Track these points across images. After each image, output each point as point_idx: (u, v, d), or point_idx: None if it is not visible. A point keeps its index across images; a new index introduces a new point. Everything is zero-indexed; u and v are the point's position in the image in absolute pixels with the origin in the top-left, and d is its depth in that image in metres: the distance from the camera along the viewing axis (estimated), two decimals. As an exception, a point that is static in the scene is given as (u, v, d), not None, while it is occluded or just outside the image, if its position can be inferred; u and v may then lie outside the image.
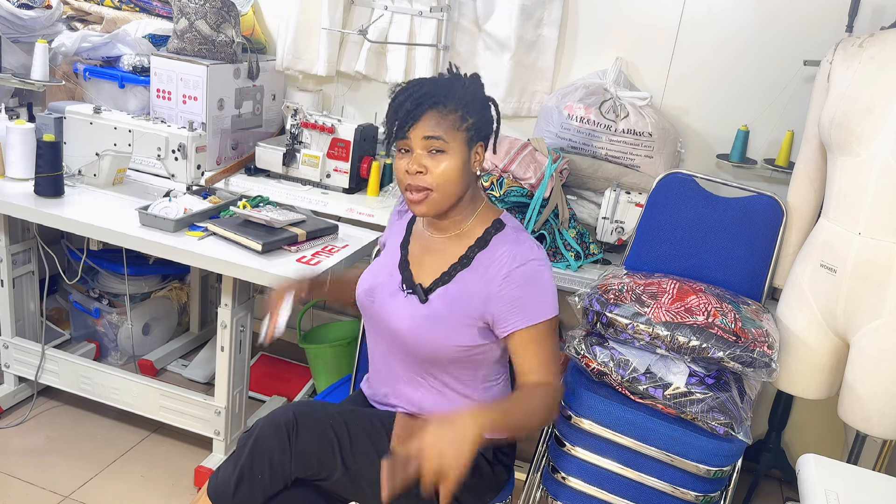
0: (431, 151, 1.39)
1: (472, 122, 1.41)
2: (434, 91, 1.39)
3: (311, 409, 1.47)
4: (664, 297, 1.81)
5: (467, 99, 1.41)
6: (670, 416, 1.76)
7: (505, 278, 1.41)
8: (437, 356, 1.46)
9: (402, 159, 1.42)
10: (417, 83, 1.42)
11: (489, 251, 1.45)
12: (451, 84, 1.42)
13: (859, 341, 1.80)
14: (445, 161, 1.39)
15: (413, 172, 1.39)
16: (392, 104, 1.42)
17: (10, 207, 2.13)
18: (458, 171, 1.40)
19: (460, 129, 1.39)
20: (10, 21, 2.47)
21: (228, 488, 1.39)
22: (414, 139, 1.39)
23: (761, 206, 2.09)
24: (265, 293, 1.61)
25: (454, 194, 1.43)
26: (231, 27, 2.55)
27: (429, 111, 1.38)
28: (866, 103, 1.72)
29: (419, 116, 1.38)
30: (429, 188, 1.40)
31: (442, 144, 1.38)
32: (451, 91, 1.40)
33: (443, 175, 1.39)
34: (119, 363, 2.75)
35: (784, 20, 2.33)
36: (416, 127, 1.38)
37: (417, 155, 1.39)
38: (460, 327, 1.44)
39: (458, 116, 1.39)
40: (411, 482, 1.18)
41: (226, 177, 2.56)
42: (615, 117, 2.37)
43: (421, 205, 1.42)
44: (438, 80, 1.43)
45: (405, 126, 1.38)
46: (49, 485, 2.16)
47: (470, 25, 2.64)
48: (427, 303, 1.46)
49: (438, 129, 1.37)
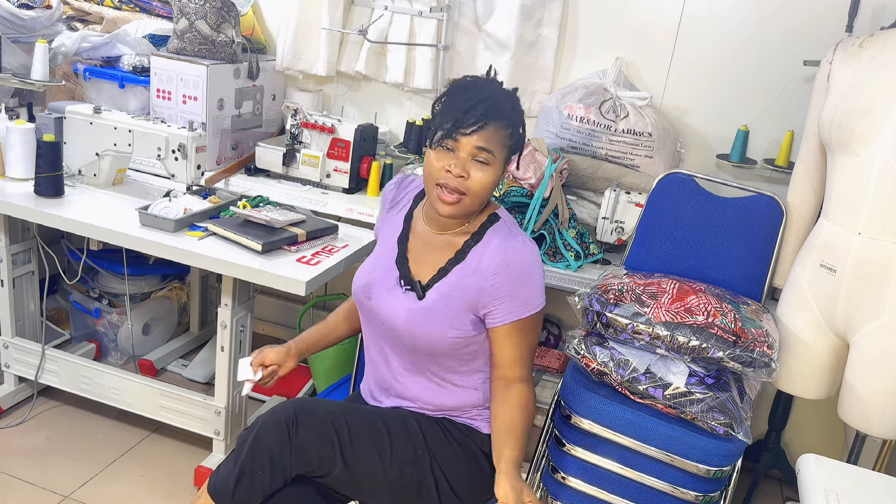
0: (478, 160, 1.41)
1: (515, 140, 1.45)
2: (499, 105, 1.41)
3: (311, 406, 1.47)
4: (664, 297, 1.80)
5: (515, 117, 1.44)
6: (670, 416, 1.76)
7: (495, 272, 1.43)
8: (434, 349, 1.47)
9: (443, 157, 1.41)
10: (481, 88, 1.43)
11: (482, 244, 1.48)
12: (508, 100, 1.44)
13: (859, 341, 1.80)
14: (488, 173, 1.41)
15: (456, 175, 1.40)
16: (451, 100, 1.42)
17: (10, 207, 2.13)
18: (494, 183, 1.44)
19: (506, 146, 1.43)
20: (10, 21, 2.47)
21: (228, 485, 1.39)
22: (465, 144, 1.40)
23: (761, 206, 2.09)
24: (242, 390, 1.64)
25: (483, 201, 1.46)
26: (231, 27, 2.55)
27: (490, 123, 1.39)
28: (866, 103, 1.72)
29: (482, 129, 1.39)
30: (464, 194, 1.41)
31: (489, 157, 1.41)
32: (509, 107, 1.43)
33: (481, 185, 1.42)
34: (119, 363, 2.75)
35: (784, 20, 2.33)
36: (473, 134, 1.39)
37: (463, 159, 1.40)
38: (455, 319, 1.46)
39: (508, 134, 1.42)
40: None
41: (226, 177, 2.56)
42: (615, 117, 2.37)
43: (452, 206, 1.43)
44: (499, 92, 1.44)
45: (465, 130, 1.39)
46: (49, 485, 2.16)
47: (470, 25, 2.64)
48: (424, 298, 1.48)
49: (491, 144, 1.40)
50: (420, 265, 1.52)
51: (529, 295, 1.44)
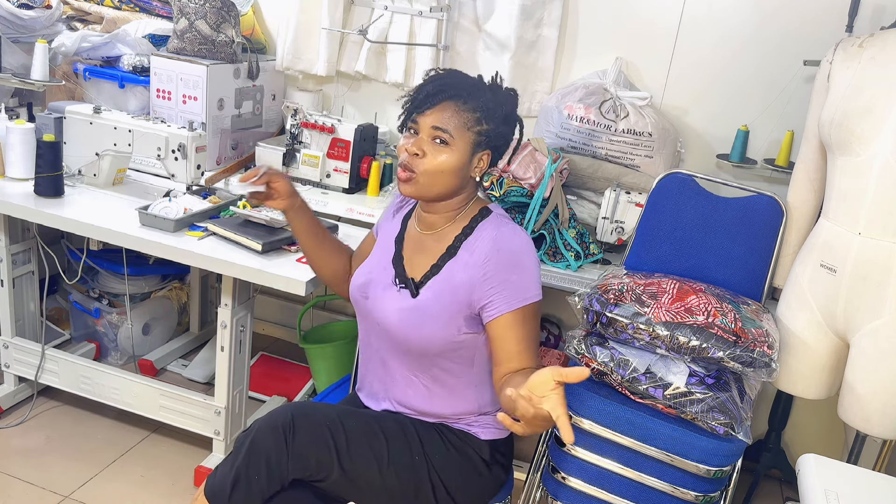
0: (435, 140, 1.41)
1: (487, 128, 1.42)
2: (459, 84, 1.42)
3: (309, 410, 1.47)
4: (664, 297, 1.80)
5: (491, 105, 1.42)
6: (670, 416, 1.76)
7: (486, 262, 1.41)
8: (427, 349, 1.46)
9: (408, 139, 1.44)
10: (449, 73, 1.45)
11: (473, 237, 1.47)
12: (480, 86, 1.44)
13: (859, 341, 1.80)
14: (445, 154, 1.41)
15: (411, 153, 1.42)
16: (418, 86, 1.45)
17: (10, 207, 2.13)
18: (453, 167, 1.42)
19: (471, 130, 1.41)
20: (10, 21, 2.47)
21: (225, 489, 1.39)
22: (423, 124, 1.41)
23: (761, 206, 2.09)
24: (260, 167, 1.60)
25: (441, 186, 1.44)
26: (231, 27, 2.55)
27: (447, 101, 1.40)
28: (866, 103, 1.72)
29: (435, 104, 1.40)
30: (414, 171, 1.42)
31: (447, 138, 1.40)
32: (476, 91, 1.42)
33: (435, 166, 1.41)
34: (119, 363, 2.75)
35: (784, 20, 2.33)
36: (429, 114, 1.40)
37: (421, 139, 1.42)
38: (447, 317, 1.44)
39: (474, 118, 1.41)
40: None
41: (226, 177, 2.56)
42: (615, 117, 2.37)
43: (406, 184, 1.44)
44: (469, 78, 1.45)
45: (420, 108, 1.41)
46: (49, 485, 2.16)
47: (470, 25, 2.64)
48: (417, 296, 1.47)
49: (449, 124, 1.40)
50: (414, 264, 1.52)
51: (522, 283, 1.40)
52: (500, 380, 1.40)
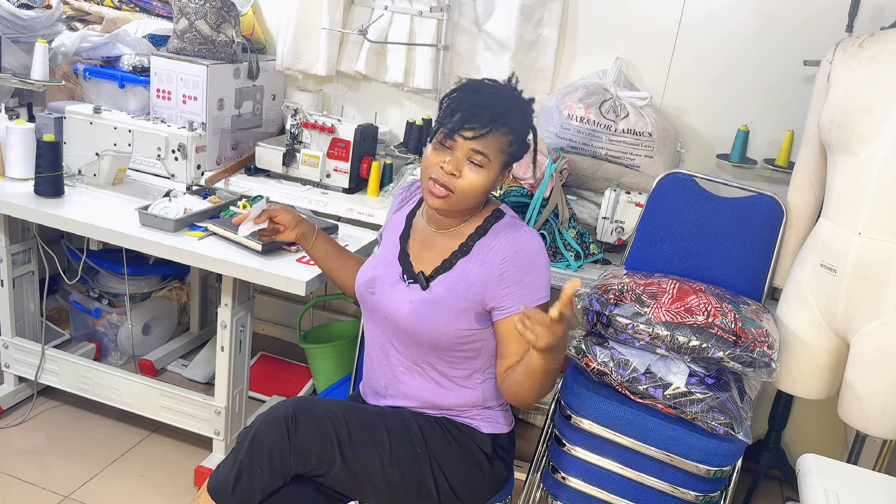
0: (472, 161, 1.41)
1: (516, 147, 1.45)
2: (506, 113, 1.41)
3: (311, 405, 1.48)
4: (664, 297, 1.80)
5: (520, 125, 1.45)
6: (670, 416, 1.76)
7: (503, 262, 1.44)
8: (438, 342, 1.48)
9: (441, 153, 1.43)
10: (493, 94, 1.43)
11: (488, 238, 1.49)
12: (519, 109, 1.45)
13: (859, 341, 1.80)
14: (480, 175, 1.42)
15: (448, 172, 1.41)
16: (461, 99, 1.42)
17: (10, 207, 2.13)
18: (486, 187, 1.44)
19: (504, 153, 1.43)
20: (10, 21, 2.47)
21: (228, 485, 1.39)
22: (463, 145, 1.41)
23: (761, 206, 2.09)
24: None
25: (472, 203, 1.47)
26: (231, 27, 2.55)
27: (495, 130, 1.40)
28: (866, 103, 1.72)
29: (484, 136, 1.39)
30: (453, 191, 1.43)
31: (484, 161, 1.41)
32: (517, 116, 1.43)
33: (472, 186, 1.43)
34: (119, 363, 2.75)
35: (784, 20, 2.33)
36: (473, 136, 1.39)
37: (458, 158, 1.41)
38: (459, 312, 1.46)
39: (508, 140, 1.43)
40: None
41: (226, 177, 2.56)
42: (615, 117, 2.37)
43: (441, 200, 1.44)
44: (511, 100, 1.44)
45: (467, 134, 1.39)
46: (49, 485, 2.16)
47: (470, 25, 2.64)
48: (428, 289, 1.49)
49: (488, 149, 1.41)
50: (421, 259, 1.54)
51: (535, 283, 1.45)
52: (504, 372, 1.47)
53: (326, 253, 1.72)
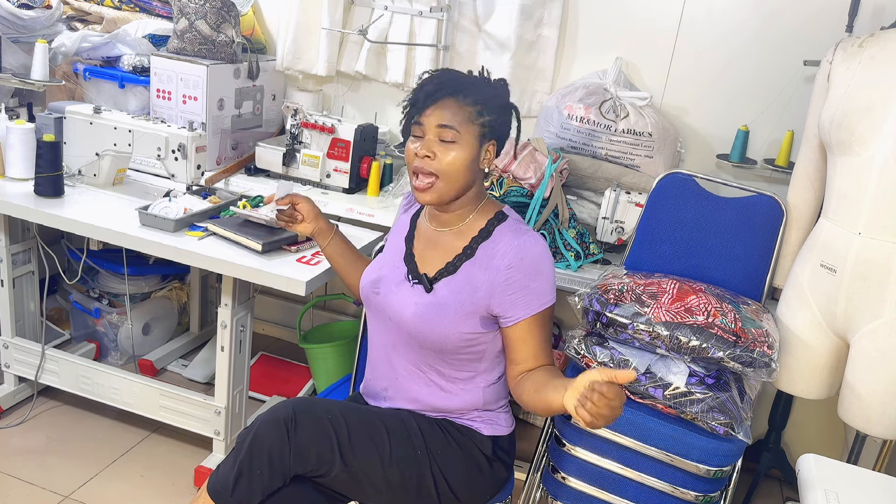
0: (443, 140, 1.43)
1: (489, 119, 1.45)
2: (456, 80, 1.44)
3: (311, 406, 1.48)
4: (664, 297, 1.80)
5: (488, 96, 1.45)
6: (670, 416, 1.76)
7: (508, 268, 1.44)
8: (442, 345, 1.48)
9: (414, 143, 1.46)
10: (444, 71, 1.48)
11: (492, 241, 1.49)
12: (474, 80, 1.47)
13: (859, 341, 1.80)
14: (455, 151, 1.43)
15: (422, 156, 1.43)
16: (415, 89, 1.47)
17: (10, 207, 2.13)
18: (465, 162, 1.44)
19: (475, 123, 1.43)
20: (10, 21, 2.47)
21: (228, 485, 1.39)
22: (428, 125, 1.43)
23: (761, 206, 2.09)
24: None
25: (459, 185, 1.46)
26: (231, 27, 2.55)
27: (447, 98, 1.42)
28: (866, 103, 1.72)
29: (437, 100, 1.42)
30: (435, 174, 1.43)
31: (454, 135, 1.42)
32: (473, 85, 1.45)
33: (451, 164, 1.43)
34: (119, 363, 2.75)
35: (784, 20, 2.33)
36: (431, 113, 1.42)
37: (429, 141, 1.43)
38: (464, 315, 1.46)
39: (476, 110, 1.43)
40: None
41: (226, 177, 2.56)
42: (615, 117, 2.37)
43: (426, 192, 1.45)
44: (462, 73, 1.48)
45: (423, 108, 1.43)
46: (49, 485, 2.16)
47: (470, 25, 2.64)
48: (432, 292, 1.49)
49: (453, 120, 1.42)
50: (425, 261, 1.54)
51: (541, 289, 1.45)
52: (516, 378, 1.48)
53: (341, 252, 1.74)
